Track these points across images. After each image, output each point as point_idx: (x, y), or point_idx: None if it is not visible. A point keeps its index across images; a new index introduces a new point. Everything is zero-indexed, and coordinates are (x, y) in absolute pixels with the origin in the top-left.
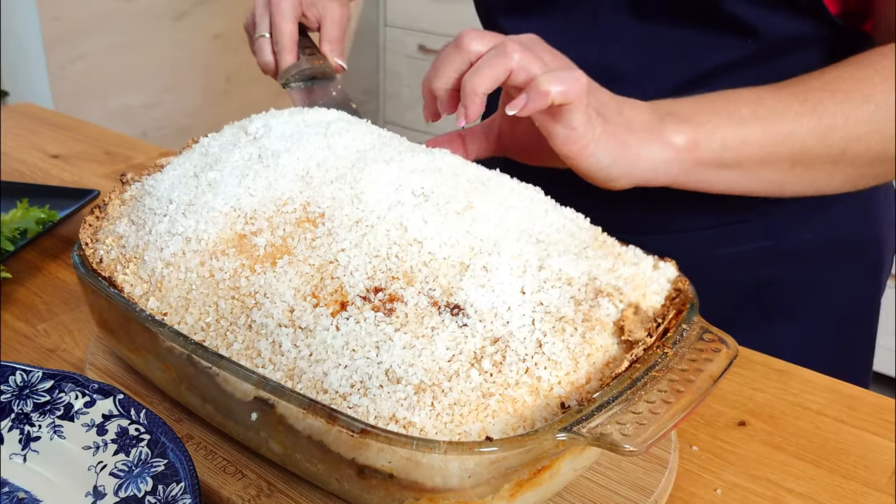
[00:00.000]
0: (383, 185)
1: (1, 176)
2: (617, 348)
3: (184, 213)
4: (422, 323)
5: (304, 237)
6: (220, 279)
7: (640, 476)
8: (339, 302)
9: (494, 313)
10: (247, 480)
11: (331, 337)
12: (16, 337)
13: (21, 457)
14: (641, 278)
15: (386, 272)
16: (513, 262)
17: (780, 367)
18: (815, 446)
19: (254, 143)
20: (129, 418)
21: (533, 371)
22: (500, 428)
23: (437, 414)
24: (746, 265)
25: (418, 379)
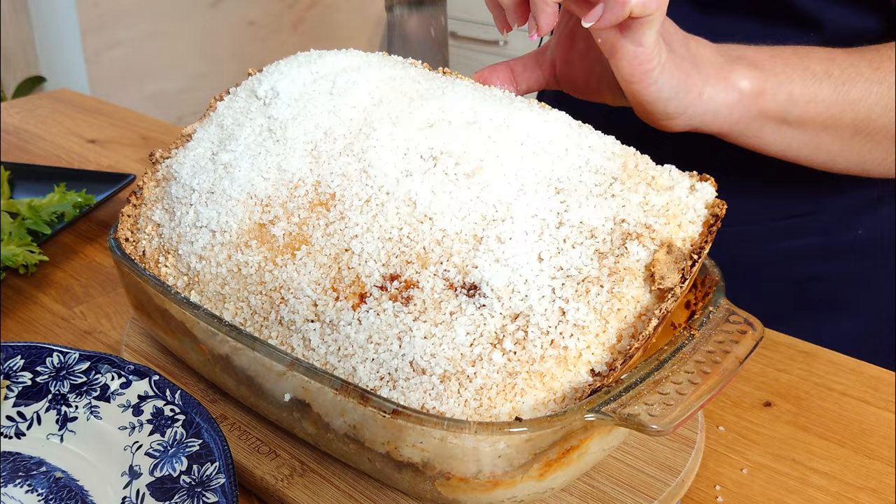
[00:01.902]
0: (390, 153)
1: (39, 161)
2: (649, 297)
3: (206, 203)
4: (440, 309)
5: (319, 224)
6: (247, 274)
7: (667, 456)
8: (357, 294)
9: (512, 289)
10: (280, 460)
11: (354, 332)
12: (53, 319)
13: (58, 437)
14: (677, 205)
15: (399, 256)
16: (528, 227)
17: (806, 348)
18: (840, 427)
19: (263, 109)
20: (164, 399)
21: (558, 342)
22: (529, 405)
23: (464, 401)
24: (795, 261)
25: (441, 368)
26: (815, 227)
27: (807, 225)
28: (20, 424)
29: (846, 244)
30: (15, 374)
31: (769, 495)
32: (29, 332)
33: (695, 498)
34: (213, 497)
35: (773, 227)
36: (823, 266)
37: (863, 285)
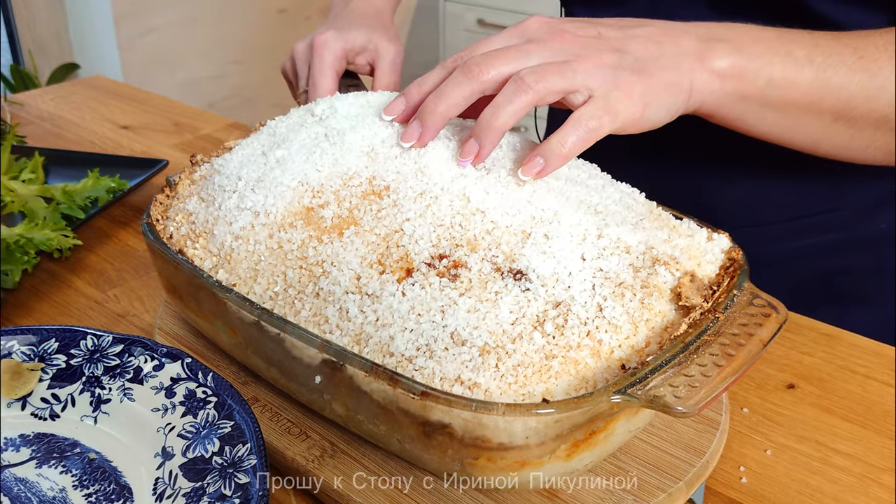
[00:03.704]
0: (446, 159)
1: (73, 147)
2: (674, 314)
3: (253, 189)
4: (486, 288)
5: (370, 209)
6: (287, 250)
7: (692, 437)
8: (404, 269)
9: (556, 278)
10: (311, 441)
11: (397, 302)
12: (87, 302)
13: (92, 419)
14: (696, 249)
15: (450, 240)
16: (573, 231)
17: (829, 331)
18: (863, 408)
19: (320, 123)
20: (196, 381)
21: (594, 334)
22: (562, 389)
23: (501, 375)
24: (818, 256)
25: (482, 341)
26: (837, 223)
27: (829, 221)
28: (55, 406)
29: (869, 238)
30: (49, 357)
31: (793, 476)
32: (63, 316)
33: (719, 479)
34: (244, 478)
35: (796, 226)
36: (847, 259)
37: (887, 276)
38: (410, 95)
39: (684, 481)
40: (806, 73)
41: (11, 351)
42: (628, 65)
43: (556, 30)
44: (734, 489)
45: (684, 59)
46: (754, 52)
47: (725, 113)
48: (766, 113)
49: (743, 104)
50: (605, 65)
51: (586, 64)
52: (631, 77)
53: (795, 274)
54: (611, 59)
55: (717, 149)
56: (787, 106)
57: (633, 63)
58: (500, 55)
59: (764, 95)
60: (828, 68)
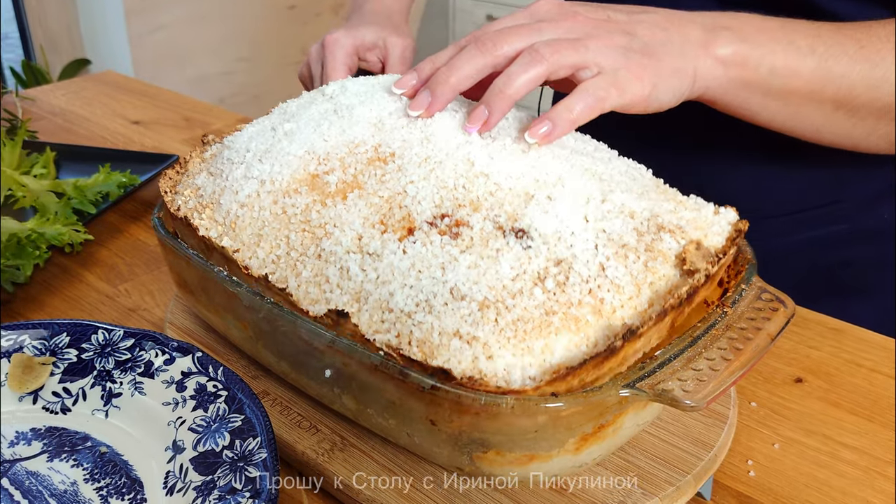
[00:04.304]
0: (452, 129)
1: (85, 142)
2: (678, 278)
3: (260, 160)
4: (487, 245)
5: (375, 173)
6: (291, 214)
7: (700, 431)
8: (406, 228)
9: (558, 237)
10: (321, 435)
11: (397, 260)
12: (98, 297)
13: (103, 413)
14: (703, 221)
15: (452, 201)
16: (576, 194)
17: (836, 325)
18: (870, 402)
19: (330, 100)
20: (207, 375)
21: (596, 293)
22: (563, 345)
23: (500, 329)
24: (823, 248)
25: (482, 296)
26: (840, 215)
27: (832, 214)
28: (66, 400)
29: (872, 229)
30: (61, 351)
31: (800, 470)
32: (74, 310)
33: (727, 472)
34: (255, 471)
35: (799, 219)
36: (850, 251)
37: (888, 268)
38: (422, 70)
39: (692, 475)
40: (808, 63)
41: (23, 345)
42: (638, 47)
43: (567, 11)
44: (742, 482)
45: (689, 46)
46: (757, 41)
47: (729, 100)
48: (768, 101)
49: (746, 91)
50: (615, 45)
51: (598, 42)
52: (640, 59)
53: (798, 267)
54: (621, 41)
55: (719, 139)
56: (790, 94)
57: (642, 46)
58: (513, 31)
59: (766, 83)
60: (829, 58)
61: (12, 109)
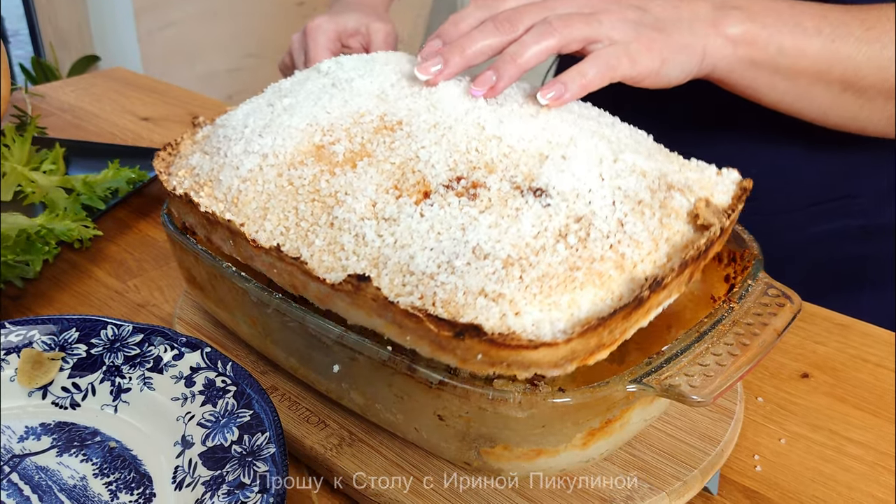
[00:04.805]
0: (458, 96)
1: (94, 138)
2: (693, 233)
3: (260, 134)
4: (506, 205)
5: (383, 141)
6: (298, 185)
7: (707, 426)
8: (421, 192)
9: (576, 194)
10: (329, 430)
11: (415, 223)
12: (107, 292)
13: (112, 408)
14: (707, 181)
15: (467, 164)
16: (589, 154)
17: (842, 321)
18: (875, 397)
19: (326, 76)
20: (215, 370)
21: (617, 248)
22: (588, 299)
23: (525, 286)
24: (836, 242)
25: (506, 253)
26: (854, 210)
27: (846, 208)
28: (75, 395)
29: (886, 224)
30: (70, 346)
31: (807, 464)
32: (84, 306)
33: (734, 467)
34: (263, 466)
35: (813, 212)
36: (863, 246)
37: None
38: (446, 34)
39: (699, 469)
40: (814, 43)
41: (32, 340)
42: (649, 23)
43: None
44: (749, 477)
45: (699, 24)
46: (766, 21)
47: (737, 79)
48: (776, 80)
49: (754, 71)
50: (627, 19)
51: (610, 17)
52: (651, 33)
53: (805, 262)
54: (633, 16)
55: (728, 129)
56: (797, 74)
57: (654, 21)
58: (530, 10)
59: (774, 63)
60: (836, 39)
61: (22, 106)
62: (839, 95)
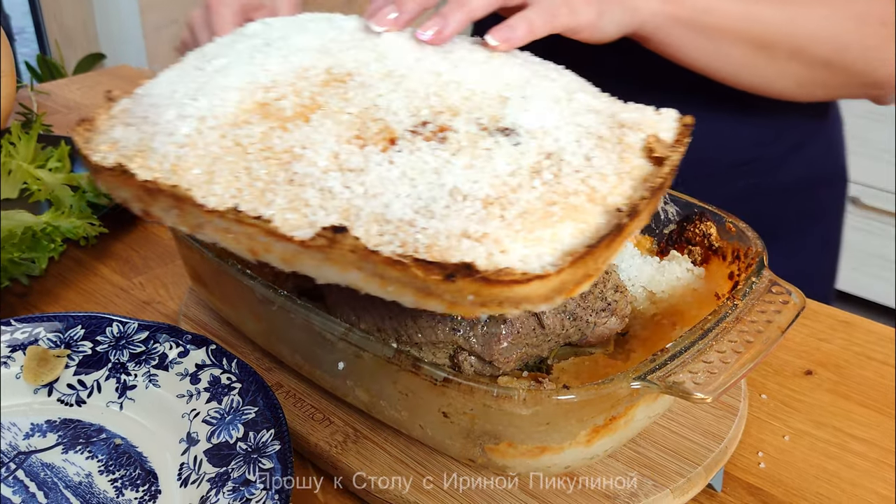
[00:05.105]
0: (405, 45)
1: None
2: (650, 167)
3: (193, 98)
4: (477, 145)
5: (335, 93)
6: (247, 145)
7: (711, 423)
8: (387, 139)
9: (543, 132)
10: (334, 427)
11: (385, 171)
12: (113, 290)
13: (118, 405)
14: (650, 119)
15: (430, 109)
16: (546, 94)
17: (846, 318)
18: (879, 394)
19: (254, 38)
20: (221, 368)
21: (588, 181)
22: (569, 233)
23: (508, 224)
24: (739, 202)
25: (484, 193)
26: (753, 170)
27: (745, 170)
28: (81, 392)
29: (781, 183)
30: (76, 344)
31: (810, 461)
32: (89, 303)
33: (738, 464)
34: (268, 463)
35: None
36: (763, 204)
37: (799, 217)
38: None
39: (703, 466)
40: (736, 3)
41: (38, 338)
42: None
43: None
44: (753, 474)
45: None
46: None
47: (662, 37)
48: (697, 39)
49: (679, 29)
50: None
51: None
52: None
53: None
54: None
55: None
56: (718, 33)
57: None
58: None
59: (698, 21)
60: (758, 1)
61: (27, 104)
62: (752, 55)
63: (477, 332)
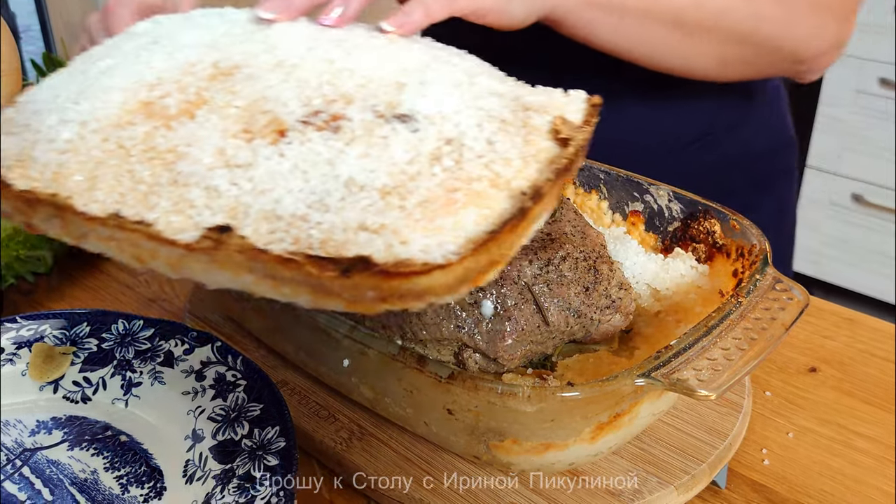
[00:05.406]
0: (296, 35)
1: None
2: (557, 149)
3: (75, 101)
4: (372, 133)
5: (222, 87)
6: (130, 146)
7: (715, 420)
8: (276, 131)
9: (442, 117)
10: (339, 424)
11: (275, 164)
12: (118, 287)
13: (123, 402)
14: (557, 102)
15: (322, 98)
16: (445, 78)
17: (850, 315)
18: (883, 392)
19: (143, 36)
20: (226, 365)
21: (491, 166)
22: (472, 220)
23: (407, 213)
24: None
25: (381, 183)
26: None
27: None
28: (86, 389)
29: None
30: (81, 341)
31: (814, 458)
32: (95, 300)
33: (742, 461)
34: (273, 460)
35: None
36: (729, 178)
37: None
38: None
39: (707, 463)
40: None
41: (44, 335)
42: None
43: None
44: (757, 471)
45: None
46: None
47: (574, 20)
48: (610, 20)
49: (590, 10)
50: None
51: None
52: None
53: None
54: None
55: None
56: (630, 12)
57: None
58: None
59: (609, 1)
60: None
61: None
62: (668, 34)
63: (482, 329)
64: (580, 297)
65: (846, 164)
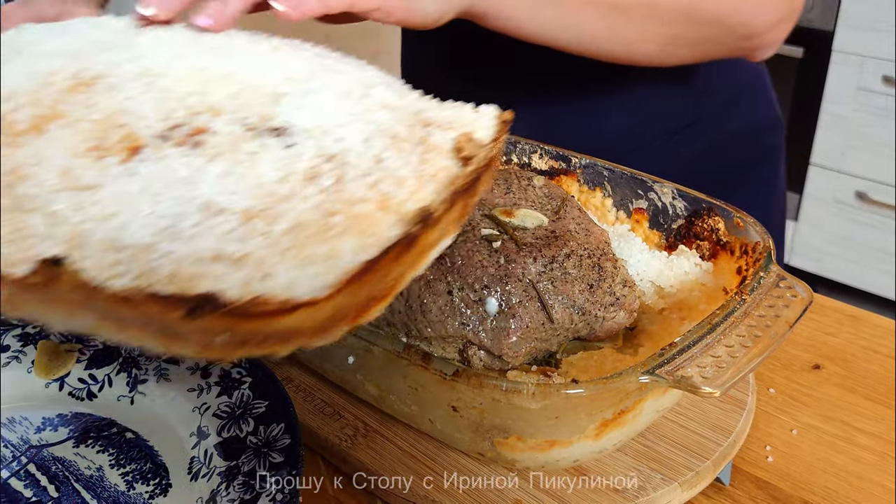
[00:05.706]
0: (168, 41)
1: None
2: (458, 167)
3: None
4: (238, 149)
5: (79, 100)
6: None
7: (719, 417)
8: (129, 148)
9: (323, 131)
10: (344, 421)
11: (123, 185)
12: None
13: (128, 399)
14: (466, 118)
15: (187, 110)
16: (334, 89)
17: (853, 312)
18: (886, 388)
19: (4, 46)
20: (231, 362)
21: (378, 186)
22: (351, 248)
23: (273, 241)
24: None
25: (244, 205)
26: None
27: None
28: (92, 386)
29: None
30: (86, 338)
31: (818, 455)
32: None
33: (746, 458)
34: (278, 457)
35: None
36: (721, 162)
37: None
38: None
39: (711, 460)
40: None
41: (49, 332)
42: None
43: None
44: (760, 468)
45: None
46: None
47: (495, 13)
48: (538, 9)
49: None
50: None
51: None
52: None
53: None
54: None
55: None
56: None
57: None
58: None
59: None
60: None
61: None
62: (606, 17)
63: (486, 326)
64: (584, 295)
65: (850, 161)
